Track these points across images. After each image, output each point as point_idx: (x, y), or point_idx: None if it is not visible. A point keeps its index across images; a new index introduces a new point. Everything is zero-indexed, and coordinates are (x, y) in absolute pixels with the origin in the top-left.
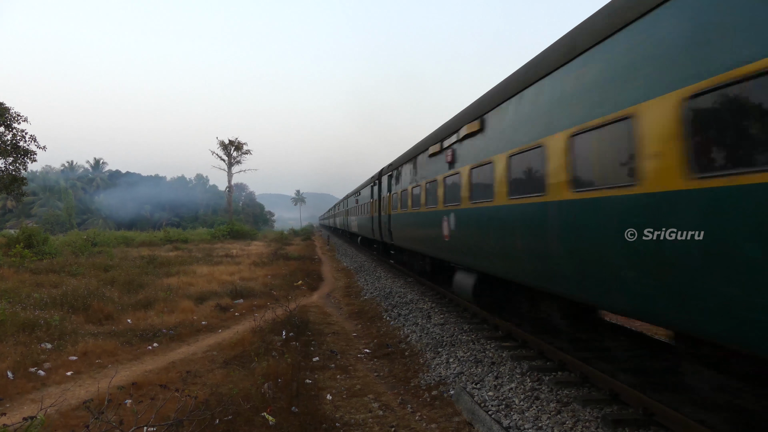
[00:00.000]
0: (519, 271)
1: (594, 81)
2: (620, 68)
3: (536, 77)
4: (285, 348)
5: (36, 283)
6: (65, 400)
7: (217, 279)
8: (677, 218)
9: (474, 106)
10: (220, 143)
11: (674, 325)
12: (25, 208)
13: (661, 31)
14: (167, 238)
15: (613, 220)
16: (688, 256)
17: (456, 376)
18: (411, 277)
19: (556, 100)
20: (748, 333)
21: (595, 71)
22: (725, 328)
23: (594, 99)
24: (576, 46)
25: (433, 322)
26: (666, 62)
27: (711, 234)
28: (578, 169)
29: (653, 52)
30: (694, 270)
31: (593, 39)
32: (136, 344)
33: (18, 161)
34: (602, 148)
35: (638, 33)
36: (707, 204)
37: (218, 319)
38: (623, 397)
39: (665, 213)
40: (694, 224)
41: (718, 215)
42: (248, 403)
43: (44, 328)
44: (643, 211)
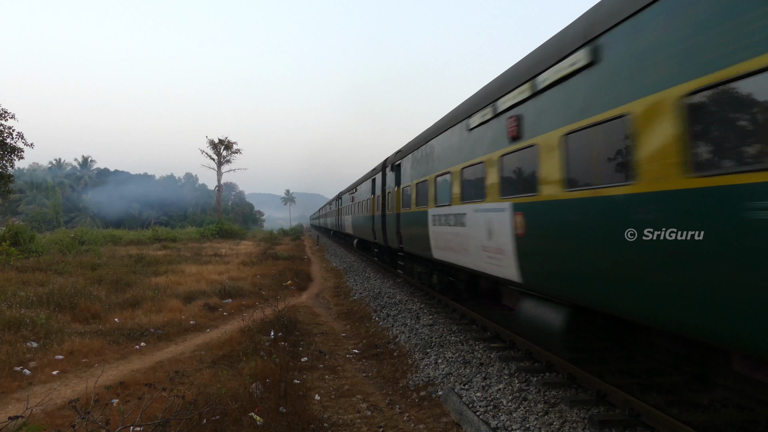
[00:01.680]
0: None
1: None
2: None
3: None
4: (273, 348)
5: (22, 281)
6: (51, 399)
7: (206, 278)
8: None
9: (573, 31)
10: (209, 142)
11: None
12: (11, 206)
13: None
14: (156, 236)
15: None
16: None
17: (444, 376)
18: (400, 278)
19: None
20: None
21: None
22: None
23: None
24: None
25: (422, 323)
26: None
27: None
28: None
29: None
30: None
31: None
32: (124, 343)
33: (5, 158)
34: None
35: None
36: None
37: (206, 318)
38: (610, 398)
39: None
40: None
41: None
42: (236, 403)
43: (30, 326)
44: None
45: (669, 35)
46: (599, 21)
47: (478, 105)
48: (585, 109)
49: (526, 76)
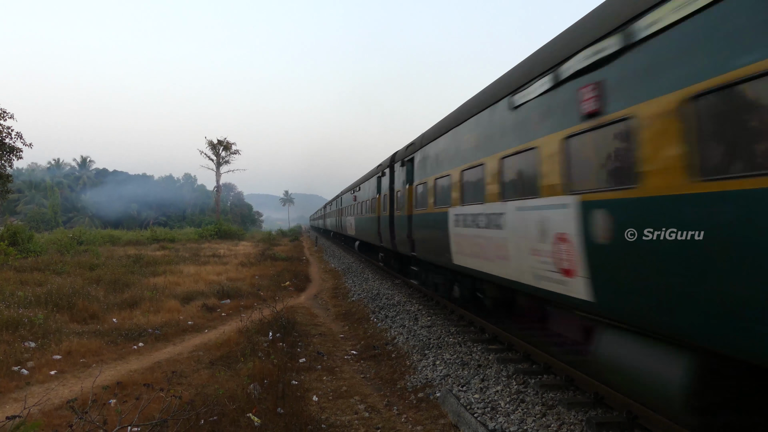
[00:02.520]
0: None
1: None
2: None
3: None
4: (271, 349)
5: (20, 281)
6: (49, 399)
7: (204, 279)
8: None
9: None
10: (208, 143)
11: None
12: (10, 206)
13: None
14: (154, 237)
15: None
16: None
17: (442, 378)
18: (398, 279)
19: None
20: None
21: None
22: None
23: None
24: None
25: (420, 324)
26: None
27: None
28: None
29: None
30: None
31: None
32: (121, 344)
33: (3, 158)
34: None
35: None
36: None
37: (204, 319)
38: (608, 400)
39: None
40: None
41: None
42: (234, 404)
43: (28, 326)
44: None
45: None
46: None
47: (530, 74)
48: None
49: (616, 21)
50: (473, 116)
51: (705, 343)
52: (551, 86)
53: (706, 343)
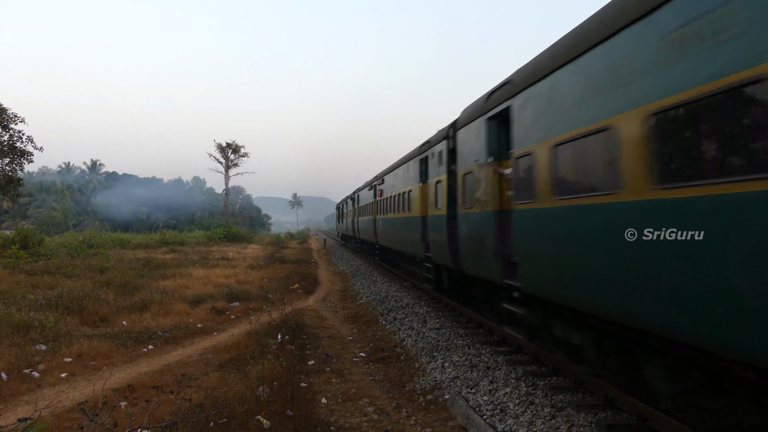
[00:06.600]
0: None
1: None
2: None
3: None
4: (280, 351)
5: (31, 284)
6: (59, 401)
7: (213, 282)
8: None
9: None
10: (217, 146)
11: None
12: (21, 209)
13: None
14: (163, 240)
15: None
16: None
17: (451, 380)
18: (407, 281)
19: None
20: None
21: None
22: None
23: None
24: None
25: (428, 327)
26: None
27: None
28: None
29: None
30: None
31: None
32: (131, 346)
33: (14, 162)
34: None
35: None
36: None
37: (214, 321)
38: (617, 402)
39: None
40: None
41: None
42: (243, 406)
43: (39, 329)
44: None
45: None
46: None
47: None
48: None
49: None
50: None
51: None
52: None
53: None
